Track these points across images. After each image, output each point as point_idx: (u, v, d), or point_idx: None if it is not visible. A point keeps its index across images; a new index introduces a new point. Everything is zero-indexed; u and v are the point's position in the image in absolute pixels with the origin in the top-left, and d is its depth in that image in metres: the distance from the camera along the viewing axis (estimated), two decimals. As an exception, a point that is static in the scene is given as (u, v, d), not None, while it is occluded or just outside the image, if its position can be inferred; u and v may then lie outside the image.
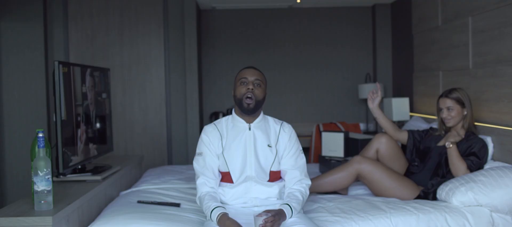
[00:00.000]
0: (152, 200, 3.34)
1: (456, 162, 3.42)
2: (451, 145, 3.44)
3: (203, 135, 2.95)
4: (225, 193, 2.89)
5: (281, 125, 2.99)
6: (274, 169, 2.91)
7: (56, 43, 5.62)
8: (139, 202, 3.27)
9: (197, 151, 2.96)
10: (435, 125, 4.27)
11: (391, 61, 6.46)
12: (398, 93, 6.17)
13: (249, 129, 2.92)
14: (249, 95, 2.83)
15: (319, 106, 6.64)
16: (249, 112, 2.88)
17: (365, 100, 6.49)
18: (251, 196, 2.86)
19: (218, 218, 2.63)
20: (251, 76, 2.88)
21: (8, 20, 5.11)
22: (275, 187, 2.89)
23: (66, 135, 3.19)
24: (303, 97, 6.65)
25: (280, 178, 2.96)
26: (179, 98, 5.93)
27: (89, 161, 3.61)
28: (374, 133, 6.08)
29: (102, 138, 3.92)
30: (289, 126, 3.02)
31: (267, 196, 2.87)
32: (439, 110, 3.74)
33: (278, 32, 6.61)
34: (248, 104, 2.84)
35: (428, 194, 3.43)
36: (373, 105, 3.92)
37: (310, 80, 6.64)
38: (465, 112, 3.63)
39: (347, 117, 6.53)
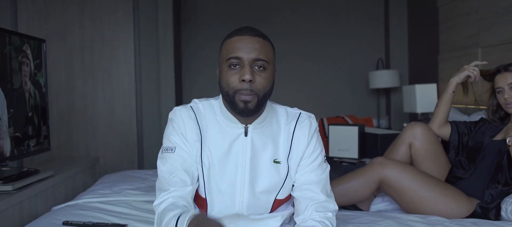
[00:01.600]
0: (88, 220, 2.33)
1: None
2: None
3: (174, 122, 1.81)
4: None
5: (297, 119, 1.87)
6: (281, 196, 1.84)
7: (1, 19, 4.56)
8: (64, 223, 2.24)
9: (165, 144, 1.82)
10: (484, 115, 3.25)
11: (408, 44, 5.45)
12: (416, 81, 5.17)
13: (245, 134, 1.80)
14: (246, 91, 1.68)
15: (321, 99, 5.67)
16: (248, 115, 1.76)
17: (377, 91, 5.49)
18: None
19: (188, 223, 1.57)
20: (248, 53, 1.69)
21: None
22: (278, 217, 1.85)
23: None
24: (303, 89, 5.68)
25: (287, 200, 1.90)
26: (151, 88, 4.92)
27: (2, 163, 2.56)
28: (388, 129, 5.05)
29: (31, 133, 2.86)
30: (311, 117, 1.90)
31: None
32: (495, 91, 2.70)
33: (274, 14, 5.65)
34: (246, 104, 1.70)
35: (488, 210, 2.40)
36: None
37: (311, 69, 5.68)
38: None
39: (355, 110, 5.53)
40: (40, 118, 2.99)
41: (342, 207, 2.69)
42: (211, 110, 1.83)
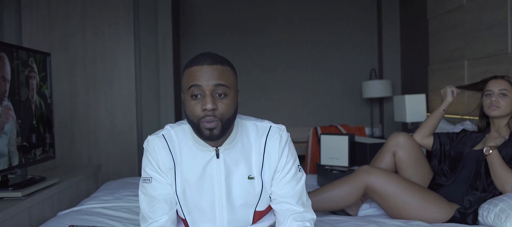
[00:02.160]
0: (91, 224, 2.47)
1: (499, 171, 2.54)
2: (490, 151, 2.57)
3: (148, 153, 1.88)
4: None
5: (267, 133, 1.90)
6: (260, 208, 1.94)
7: (6, 29, 4.73)
8: (70, 228, 2.40)
9: (143, 174, 1.90)
10: (466, 125, 3.41)
11: (400, 55, 5.60)
12: (408, 91, 5.32)
13: (217, 156, 1.86)
14: (210, 118, 1.73)
15: (316, 108, 5.78)
16: (214, 139, 1.80)
17: (370, 100, 5.64)
18: None
19: None
20: (207, 81, 1.72)
21: None
22: (263, 224, 1.98)
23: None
24: (298, 97, 5.80)
25: (269, 210, 2.00)
26: (151, 98, 5.08)
27: (11, 172, 2.72)
28: (381, 138, 5.19)
29: (37, 143, 3.02)
30: (281, 130, 1.91)
31: None
32: (484, 94, 2.86)
33: (269, 24, 5.78)
34: (211, 131, 1.74)
35: (466, 215, 2.55)
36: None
37: (306, 78, 5.79)
38: None
39: (349, 119, 5.67)
40: (45, 127, 3.15)
41: (331, 212, 2.84)
42: (183, 135, 1.88)
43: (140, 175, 5.01)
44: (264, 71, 5.71)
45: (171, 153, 1.86)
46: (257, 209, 1.91)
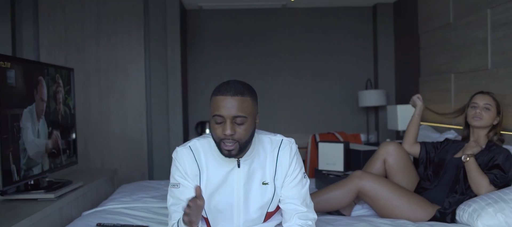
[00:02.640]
0: (116, 222, 2.81)
1: (475, 177, 2.88)
2: (468, 158, 2.91)
3: (176, 162, 2.21)
4: None
5: (279, 146, 2.25)
6: (271, 209, 2.27)
7: (25, 42, 5.08)
8: (98, 225, 2.73)
9: (171, 181, 2.23)
10: (449, 135, 3.75)
11: (394, 66, 5.95)
12: (402, 101, 5.65)
13: (238, 165, 2.18)
14: (229, 141, 2.05)
15: (315, 115, 6.13)
16: (232, 158, 2.15)
17: (366, 109, 5.98)
18: None
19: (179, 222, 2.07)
20: (228, 111, 2.03)
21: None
22: (271, 225, 2.33)
23: (8, 146, 2.64)
24: (298, 105, 6.15)
25: (278, 209, 2.35)
26: (161, 106, 5.41)
27: (43, 176, 3.06)
28: (376, 144, 5.53)
29: (61, 150, 3.36)
30: (290, 143, 2.28)
31: None
32: (469, 106, 3.19)
33: (271, 34, 6.13)
34: (229, 152, 2.07)
35: (445, 214, 2.89)
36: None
37: (306, 86, 6.14)
38: (496, 121, 3.12)
39: (346, 127, 6.01)
40: (70, 136, 3.49)
41: (327, 212, 3.17)
42: (208, 147, 2.19)
43: (150, 178, 5.36)
44: (266, 80, 6.05)
45: (197, 162, 2.18)
46: (268, 210, 2.25)
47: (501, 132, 3.19)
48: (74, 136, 3.58)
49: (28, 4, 5.07)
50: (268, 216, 2.28)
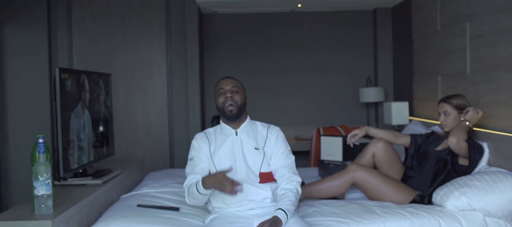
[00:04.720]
0: (152, 204, 3.39)
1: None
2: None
3: (193, 142, 3.11)
4: (218, 198, 2.96)
5: (268, 128, 3.12)
6: (263, 170, 3.01)
7: (60, 47, 5.67)
8: (138, 205, 3.32)
9: (189, 157, 3.10)
10: (436, 128, 4.30)
11: (392, 65, 6.48)
12: (398, 97, 6.20)
13: (236, 134, 3.06)
14: (230, 102, 2.97)
15: (320, 110, 6.65)
16: (233, 118, 3.03)
17: (366, 104, 6.52)
18: (245, 198, 2.92)
19: (201, 183, 2.82)
20: (227, 85, 3.02)
21: (12, 24, 5.18)
22: (268, 188, 2.98)
23: (67, 140, 3.25)
24: (304, 100, 6.67)
25: (273, 180, 3.04)
26: (181, 102, 5.98)
27: (91, 165, 3.67)
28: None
29: (104, 142, 3.97)
30: (277, 128, 3.14)
31: (261, 198, 2.95)
32: (439, 114, 3.77)
33: (279, 36, 6.63)
34: (231, 110, 2.98)
35: (423, 198, 3.46)
36: (354, 140, 4.03)
37: (311, 83, 6.65)
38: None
39: (348, 121, 6.56)
40: (108, 131, 4.10)
41: (325, 198, 3.74)
42: (216, 129, 3.14)
43: (171, 166, 5.95)
44: (276, 76, 6.58)
45: (208, 138, 3.10)
46: (261, 170, 3.01)
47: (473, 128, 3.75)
48: (111, 131, 4.18)
49: (62, 14, 5.65)
50: (262, 178, 3.00)
